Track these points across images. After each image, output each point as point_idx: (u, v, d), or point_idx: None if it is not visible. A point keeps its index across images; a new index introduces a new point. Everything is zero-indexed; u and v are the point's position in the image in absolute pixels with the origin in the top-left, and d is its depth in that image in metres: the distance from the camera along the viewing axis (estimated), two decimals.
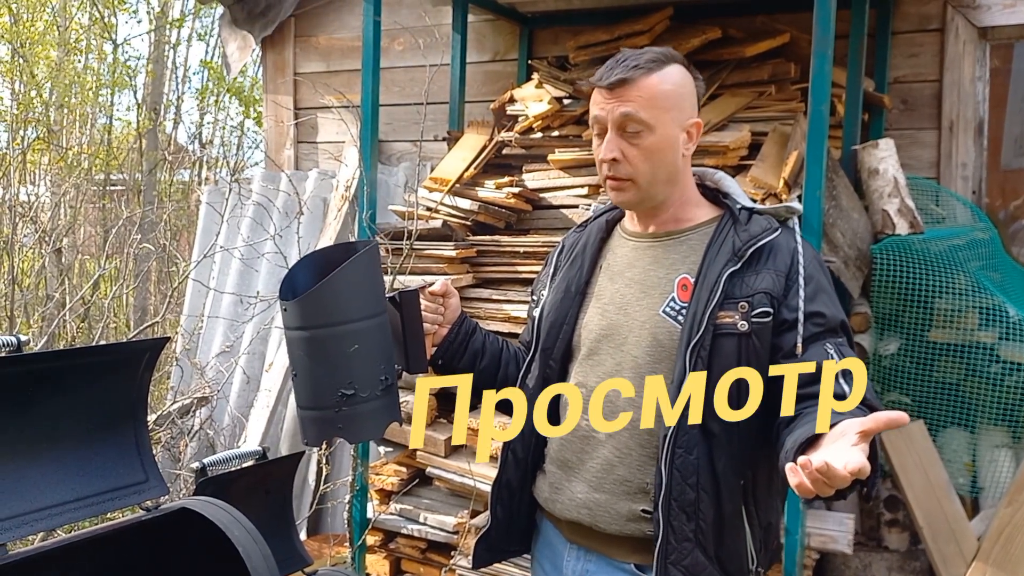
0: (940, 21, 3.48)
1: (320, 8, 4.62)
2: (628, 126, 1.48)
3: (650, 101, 1.47)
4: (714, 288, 1.43)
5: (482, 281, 3.09)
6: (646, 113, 1.47)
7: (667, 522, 1.43)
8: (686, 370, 1.42)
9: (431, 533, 2.93)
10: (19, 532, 1.20)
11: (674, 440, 1.42)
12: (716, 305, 1.42)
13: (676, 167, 1.53)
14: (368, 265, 1.45)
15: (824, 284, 1.47)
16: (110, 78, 8.32)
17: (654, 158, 1.49)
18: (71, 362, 1.29)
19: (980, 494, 3.13)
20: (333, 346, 1.42)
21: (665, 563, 1.43)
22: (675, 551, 1.43)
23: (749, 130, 2.91)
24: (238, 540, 1.23)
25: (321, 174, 4.48)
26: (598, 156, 1.53)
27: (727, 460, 1.44)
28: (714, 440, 1.43)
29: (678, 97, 1.51)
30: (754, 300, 1.42)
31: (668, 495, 1.42)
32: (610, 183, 1.53)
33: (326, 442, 3.40)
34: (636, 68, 1.47)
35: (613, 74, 1.48)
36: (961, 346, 3.05)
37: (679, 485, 1.42)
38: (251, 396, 4.15)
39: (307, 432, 1.49)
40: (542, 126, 3.27)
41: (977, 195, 3.49)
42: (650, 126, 1.47)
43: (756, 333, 1.42)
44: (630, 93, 1.47)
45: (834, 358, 1.38)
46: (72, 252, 6.19)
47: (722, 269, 1.45)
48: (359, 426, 1.46)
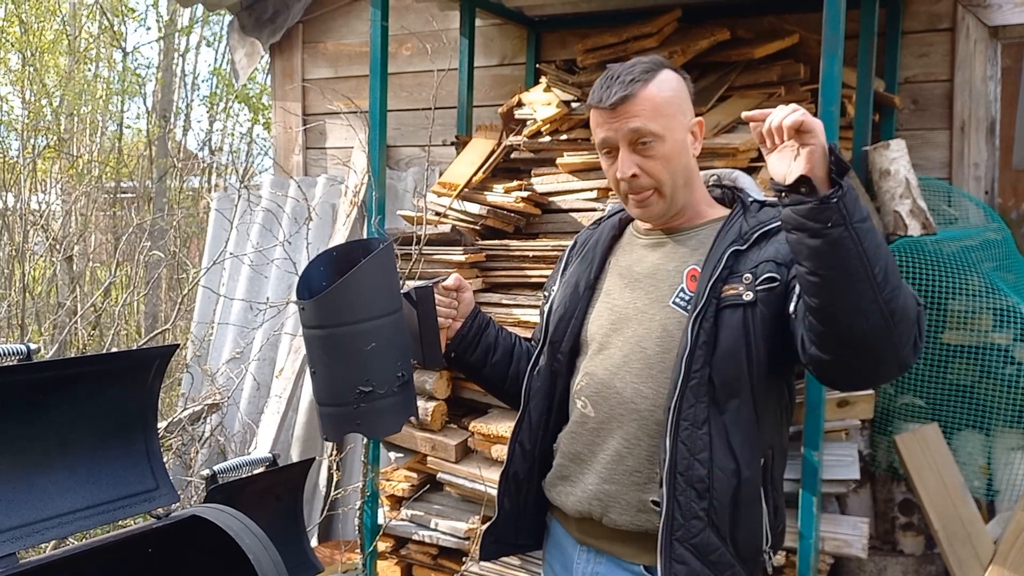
0: (951, 20, 3.46)
1: (328, 14, 4.63)
2: (639, 140, 1.48)
3: (655, 111, 1.47)
4: (717, 263, 1.44)
5: (491, 285, 3.08)
6: (655, 124, 1.47)
7: (672, 497, 1.41)
8: (688, 341, 1.41)
9: (442, 539, 2.92)
10: (30, 540, 1.20)
11: (679, 412, 1.41)
12: (719, 280, 1.43)
13: (691, 169, 1.55)
14: (384, 263, 1.47)
15: None
16: (120, 86, 8.37)
17: (670, 165, 1.50)
18: (82, 370, 1.29)
19: (996, 497, 3.10)
20: (351, 344, 1.44)
21: (671, 539, 1.41)
22: (681, 527, 1.41)
23: None
24: (249, 548, 1.22)
25: (330, 180, 4.48)
26: (612, 176, 1.53)
27: (745, 437, 1.42)
28: (728, 416, 1.42)
29: (679, 101, 1.52)
30: (758, 270, 1.42)
31: (673, 469, 1.41)
32: (633, 199, 1.54)
33: (336, 447, 3.41)
34: (633, 82, 1.47)
35: (612, 93, 1.48)
36: (975, 348, 3.02)
37: (685, 459, 1.41)
38: (261, 402, 4.16)
39: (326, 428, 1.52)
40: (550, 130, 3.27)
41: (990, 195, 3.47)
42: (660, 135, 1.48)
43: (762, 301, 1.41)
44: (634, 108, 1.47)
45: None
46: (83, 259, 6.22)
47: (727, 247, 1.45)
48: (377, 422, 1.49)
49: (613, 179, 1.54)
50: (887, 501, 3.14)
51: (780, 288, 1.41)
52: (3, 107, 7.56)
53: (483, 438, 2.84)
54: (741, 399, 1.42)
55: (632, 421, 1.50)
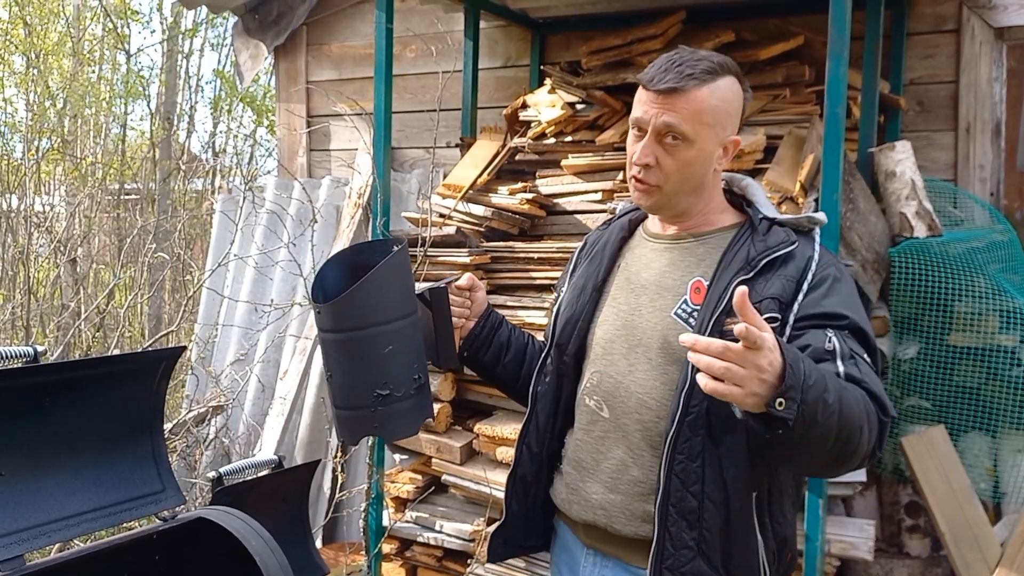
0: (956, 22, 3.45)
1: (332, 16, 4.63)
2: (668, 135, 1.45)
3: (695, 115, 1.44)
4: (722, 295, 1.42)
5: (496, 287, 3.08)
6: (689, 127, 1.44)
7: (664, 528, 1.41)
8: (688, 376, 1.40)
9: (447, 541, 2.92)
10: (37, 543, 1.20)
11: (674, 446, 1.41)
12: (723, 312, 1.40)
13: (705, 180, 1.52)
14: (399, 266, 1.46)
15: (838, 287, 1.44)
16: (123, 88, 8.38)
17: (686, 171, 1.48)
18: (88, 372, 1.29)
19: (1002, 499, 3.09)
20: (368, 347, 1.43)
21: (660, 568, 1.41)
22: (671, 557, 1.41)
23: (764, 133, 2.89)
24: (255, 550, 1.22)
25: (334, 182, 4.48)
26: (631, 155, 1.52)
27: (738, 471, 1.41)
28: (724, 449, 1.41)
29: (724, 114, 1.47)
30: (761, 306, 1.39)
31: (666, 500, 1.41)
32: (636, 184, 1.52)
33: (341, 449, 3.41)
34: (690, 78, 1.43)
35: (665, 79, 1.44)
36: (981, 350, 3.01)
37: (678, 491, 1.41)
38: (266, 404, 4.16)
39: (343, 432, 1.51)
40: (555, 131, 3.26)
41: (995, 197, 3.46)
42: (690, 140, 1.45)
43: None
44: (678, 103, 1.43)
45: (831, 341, 1.35)
46: (87, 261, 6.23)
47: (733, 276, 1.43)
48: (395, 424, 1.48)
49: (630, 156, 1.52)
50: (893, 503, 3.13)
51: (780, 328, 1.39)
52: (7, 109, 7.58)
53: (488, 440, 2.84)
54: (737, 434, 1.40)
55: (636, 431, 1.49)
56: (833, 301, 1.41)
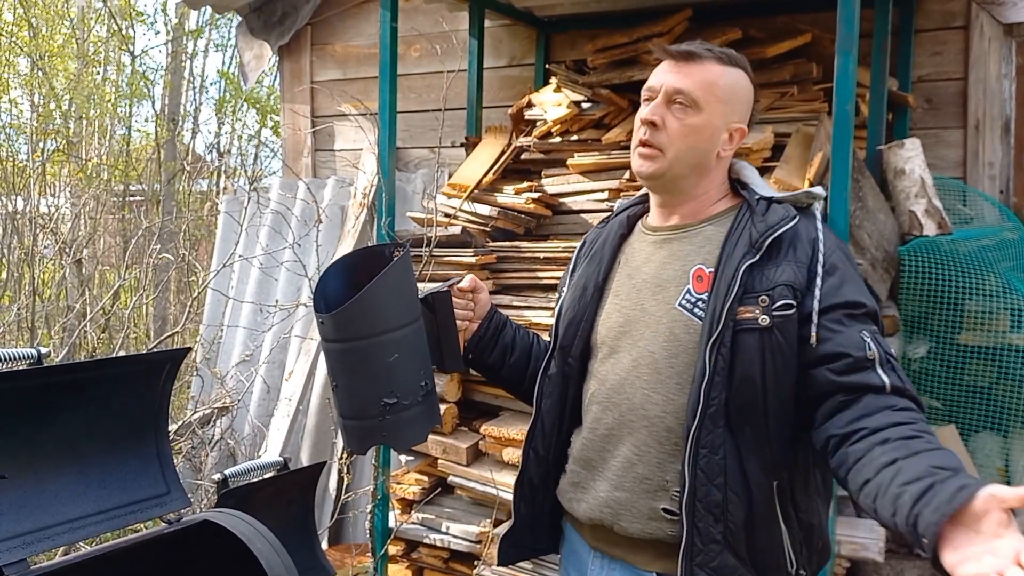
0: (964, 18, 3.43)
1: (336, 16, 4.62)
2: (678, 99, 1.49)
3: (707, 85, 1.49)
4: (732, 282, 1.41)
5: (502, 287, 3.06)
6: (699, 93, 1.48)
7: (692, 524, 1.40)
8: (706, 368, 1.39)
9: (454, 542, 2.90)
10: (41, 546, 1.19)
11: (697, 439, 1.40)
12: (735, 300, 1.40)
13: (708, 158, 1.52)
14: (403, 272, 1.44)
15: (849, 272, 1.44)
16: (128, 89, 8.39)
17: (690, 138, 1.49)
18: (93, 373, 1.28)
19: None
20: (374, 357, 1.42)
21: (691, 565, 1.40)
22: (701, 553, 1.40)
23: (772, 131, 2.87)
24: (260, 552, 1.21)
25: (339, 182, 4.48)
26: (639, 118, 1.53)
27: (757, 461, 1.41)
28: (742, 439, 1.40)
29: (734, 96, 1.53)
30: (775, 293, 1.39)
31: (692, 496, 1.40)
32: (640, 150, 1.53)
33: (346, 451, 3.39)
34: (709, 51, 1.50)
35: (683, 48, 1.51)
36: (992, 349, 2.99)
37: (704, 486, 1.40)
38: (271, 405, 4.15)
39: (351, 442, 1.49)
40: (561, 130, 3.25)
41: (1005, 194, 3.43)
42: (699, 107, 1.49)
43: (778, 327, 1.39)
44: (692, 69, 1.49)
45: (870, 348, 1.35)
46: (92, 263, 6.22)
47: (740, 262, 1.42)
48: (403, 433, 1.47)
49: (637, 123, 1.54)
50: None
51: (795, 315, 1.39)
52: (13, 111, 7.59)
53: (494, 441, 2.82)
54: (755, 424, 1.40)
55: (642, 428, 1.48)
56: (851, 288, 1.42)
